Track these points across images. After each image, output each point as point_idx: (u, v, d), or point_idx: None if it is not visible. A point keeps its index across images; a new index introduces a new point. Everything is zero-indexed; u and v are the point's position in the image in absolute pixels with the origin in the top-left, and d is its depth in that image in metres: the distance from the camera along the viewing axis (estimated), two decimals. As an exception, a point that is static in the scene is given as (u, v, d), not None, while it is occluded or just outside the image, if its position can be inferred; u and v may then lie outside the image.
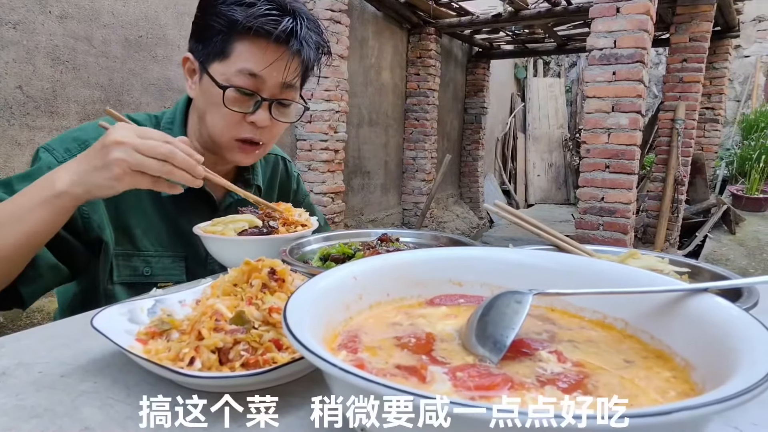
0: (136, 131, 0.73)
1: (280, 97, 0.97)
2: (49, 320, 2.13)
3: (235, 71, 0.92)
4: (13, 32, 2.47)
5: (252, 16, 0.89)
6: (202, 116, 0.98)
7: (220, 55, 0.93)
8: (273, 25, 0.90)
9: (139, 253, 0.99)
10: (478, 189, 8.12)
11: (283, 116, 1.01)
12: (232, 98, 0.93)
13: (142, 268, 0.99)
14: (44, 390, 0.47)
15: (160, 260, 1.00)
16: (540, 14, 5.58)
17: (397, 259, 0.55)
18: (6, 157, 2.48)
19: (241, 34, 0.91)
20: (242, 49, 0.92)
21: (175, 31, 3.27)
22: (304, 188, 1.35)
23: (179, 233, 1.00)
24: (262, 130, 0.98)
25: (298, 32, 0.93)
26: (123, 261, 0.97)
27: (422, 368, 0.38)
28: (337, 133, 4.58)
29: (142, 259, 0.99)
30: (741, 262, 5.17)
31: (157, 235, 1.00)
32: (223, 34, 0.92)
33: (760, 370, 0.29)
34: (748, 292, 0.58)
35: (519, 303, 0.43)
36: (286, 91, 0.98)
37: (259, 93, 0.94)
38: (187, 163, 0.75)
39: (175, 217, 1.00)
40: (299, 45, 0.94)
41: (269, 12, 0.91)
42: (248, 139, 0.98)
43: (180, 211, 1.00)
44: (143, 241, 0.99)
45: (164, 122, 1.04)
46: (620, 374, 0.39)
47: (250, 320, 0.50)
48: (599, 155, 4.08)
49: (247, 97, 0.94)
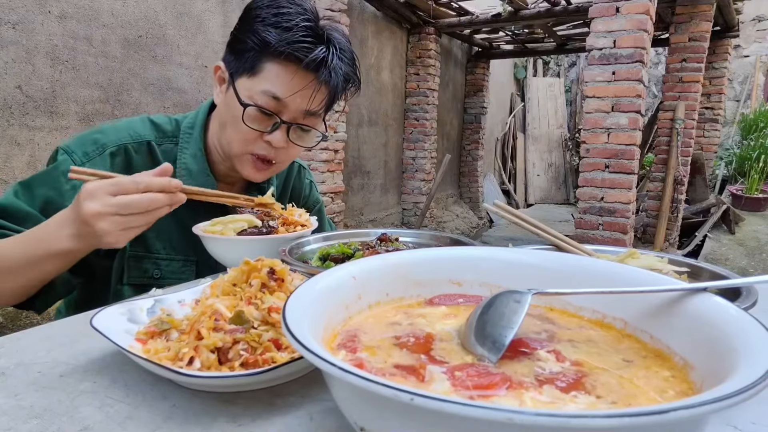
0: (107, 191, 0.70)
1: (301, 122, 0.97)
2: (49, 320, 2.12)
3: (260, 91, 0.92)
4: (13, 32, 2.47)
5: (286, 41, 0.89)
6: (223, 125, 0.99)
7: (249, 71, 0.93)
8: (304, 53, 0.90)
9: (150, 256, 0.99)
10: (477, 189, 8.12)
11: (300, 140, 1.00)
12: (252, 116, 0.93)
13: (152, 271, 0.99)
14: (43, 390, 0.47)
15: (170, 263, 1.00)
16: (539, 14, 5.58)
17: (397, 259, 0.55)
18: (6, 157, 2.48)
19: (272, 56, 0.91)
20: (271, 71, 0.92)
21: (174, 31, 3.27)
22: (316, 196, 1.33)
23: (191, 238, 0.98)
24: (277, 150, 0.98)
25: (329, 62, 0.92)
26: (134, 262, 0.98)
27: (421, 368, 0.38)
28: (337, 133, 4.58)
29: (153, 261, 0.99)
30: (740, 261, 5.17)
31: (170, 239, 1.00)
32: (256, 52, 0.92)
33: (759, 369, 0.29)
34: (747, 291, 0.58)
35: (518, 302, 0.43)
36: (308, 118, 0.97)
37: (280, 115, 0.94)
38: (167, 201, 0.74)
39: (189, 222, 0.97)
40: (328, 75, 0.93)
41: (303, 39, 0.90)
42: (262, 156, 0.98)
43: (193, 216, 0.98)
44: (155, 244, 0.99)
45: (184, 126, 1.04)
46: (619, 373, 0.39)
47: (250, 320, 0.50)
48: (599, 155, 4.08)
49: (266, 117, 0.94)
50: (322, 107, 0.98)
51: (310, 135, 1.02)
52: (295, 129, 0.97)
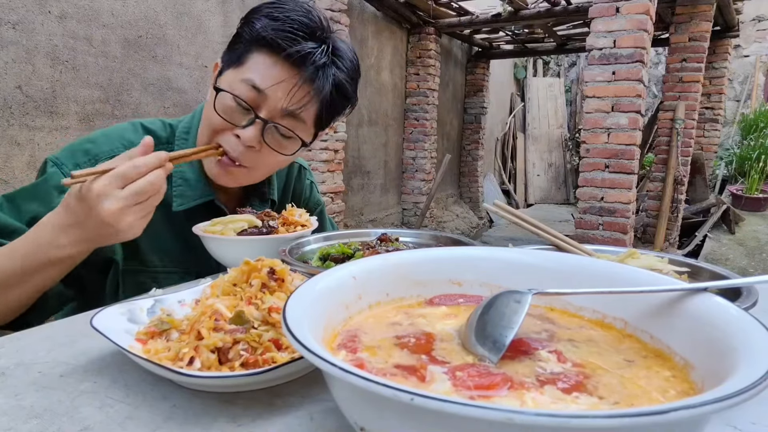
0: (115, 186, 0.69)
1: (279, 122, 0.89)
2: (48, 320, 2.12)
3: (240, 79, 0.87)
4: (13, 32, 2.47)
5: (271, 27, 0.85)
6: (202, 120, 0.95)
7: (235, 62, 0.89)
8: (289, 43, 0.85)
9: (146, 270, 0.96)
10: (477, 189, 8.12)
11: (276, 145, 0.90)
12: (225, 105, 0.88)
13: (149, 284, 0.93)
14: (43, 390, 0.47)
15: (168, 276, 0.97)
16: (539, 14, 5.58)
17: (397, 259, 0.55)
18: (6, 158, 2.48)
19: (258, 45, 0.87)
20: (254, 60, 0.87)
21: (174, 31, 3.27)
22: (317, 197, 1.28)
23: (191, 248, 0.96)
24: (246, 150, 0.89)
25: (318, 60, 0.87)
26: (130, 277, 0.94)
27: (422, 368, 0.38)
28: (337, 133, 4.58)
29: (150, 275, 0.96)
30: (740, 261, 5.17)
31: (166, 251, 0.97)
32: (245, 42, 0.88)
33: (759, 369, 0.29)
34: (747, 291, 0.58)
35: (518, 302, 0.43)
36: (287, 119, 0.89)
37: (257, 110, 0.87)
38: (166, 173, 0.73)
39: (187, 232, 0.93)
40: (313, 73, 0.87)
41: (291, 29, 0.86)
42: (226, 152, 0.90)
43: (189, 227, 0.94)
44: (151, 258, 0.96)
45: (179, 131, 1.00)
46: (620, 374, 0.39)
47: (250, 320, 0.50)
48: (599, 155, 4.09)
49: (242, 110, 0.88)
50: (305, 109, 0.89)
51: (289, 143, 0.92)
52: (271, 130, 0.89)
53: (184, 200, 0.96)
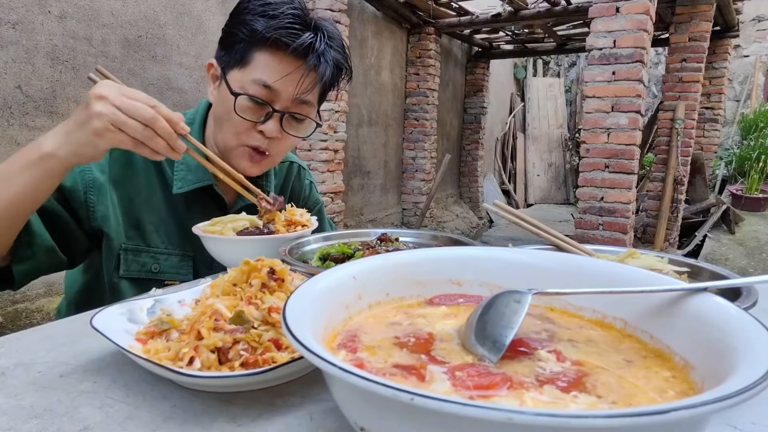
0: (121, 89, 0.72)
1: (293, 111, 0.97)
2: (49, 320, 2.13)
3: (251, 80, 0.93)
4: (13, 32, 2.47)
5: (272, 27, 0.91)
6: (219, 121, 1.00)
7: (239, 63, 0.94)
8: (291, 38, 0.91)
9: (148, 249, 0.99)
10: (477, 189, 8.12)
11: (294, 130, 1.01)
12: (244, 106, 0.94)
13: (150, 265, 0.99)
14: (43, 390, 0.47)
15: (168, 258, 1.01)
16: (539, 14, 5.58)
17: (397, 259, 0.55)
18: (6, 157, 2.48)
19: (260, 44, 0.92)
20: (260, 60, 0.93)
21: (174, 31, 3.27)
22: (316, 196, 1.33)
23: (188, 234, 0.98)
24: (270, 141, 0.98)
25: (317, 47, 0.94)
26: (132, 256, 0.98)
27: (421, 368, 0.38)
28: (337, 133, 4.58)
29: (151, 255, 0.99)
30: (740, 261, 5.18)
31: (168, 233, 1.01)
32: (245, 42, 0.93)
33: (759, 369, 0.29)
34: (747, 291, 0.58)
35: (518, 302, 0.43)
36: (299, 106, 0.98)
37: (272, 104, 0.95)
38: (167, 133, 0.73)
39: (185, 216, 1.00)
40: (316, 60, 0.95)
41: (290, 25, 0.92)
42: (256, 147, 0.98)
43: (190, 210, 1.00)
44: (154, 238, 1.00)
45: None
46: (619, 373, 0.39)
47: (250, 320, 0.50)
48: (599, 155, 4.09)
49: (259, 107, 0.95)
50: (313, 93, 0.98)
51: (304, 125, 1.03)
52: (288, 118, 0.98)
53: (184, 183, 1.00)
